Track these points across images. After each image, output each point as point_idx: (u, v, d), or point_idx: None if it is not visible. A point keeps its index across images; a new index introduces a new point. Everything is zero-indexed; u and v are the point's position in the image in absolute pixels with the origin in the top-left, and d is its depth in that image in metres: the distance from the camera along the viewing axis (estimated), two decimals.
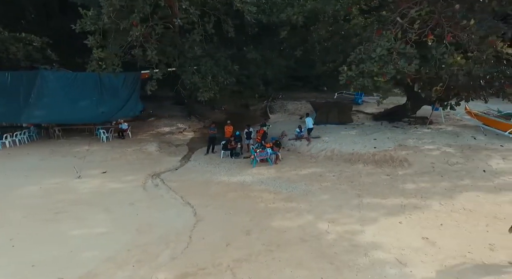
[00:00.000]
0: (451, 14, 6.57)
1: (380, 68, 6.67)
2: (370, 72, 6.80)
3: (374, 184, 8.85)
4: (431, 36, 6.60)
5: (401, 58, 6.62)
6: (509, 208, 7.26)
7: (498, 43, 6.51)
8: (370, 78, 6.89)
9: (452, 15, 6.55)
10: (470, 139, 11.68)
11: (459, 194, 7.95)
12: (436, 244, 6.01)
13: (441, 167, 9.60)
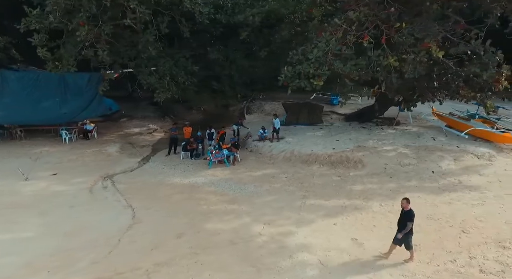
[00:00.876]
0: (385, 17, 6.64)
1: (316, 69, 6.70)
2: (307, 74, 6.82)
3: (323, 185, 8.89)
4: (367, 38, 6.66)
5: (336, 59, 6.67)
6: (445, 208, 7.37)
7: (432, 46, 6.60)
8: (306, 80, 6.91)
9: (386, 17, 6.63)
10: (429, 140, 11.84)
11: (401, 195, 7.86)
12: (363, 245, 6.05)
13: (393, 168, 9.70)
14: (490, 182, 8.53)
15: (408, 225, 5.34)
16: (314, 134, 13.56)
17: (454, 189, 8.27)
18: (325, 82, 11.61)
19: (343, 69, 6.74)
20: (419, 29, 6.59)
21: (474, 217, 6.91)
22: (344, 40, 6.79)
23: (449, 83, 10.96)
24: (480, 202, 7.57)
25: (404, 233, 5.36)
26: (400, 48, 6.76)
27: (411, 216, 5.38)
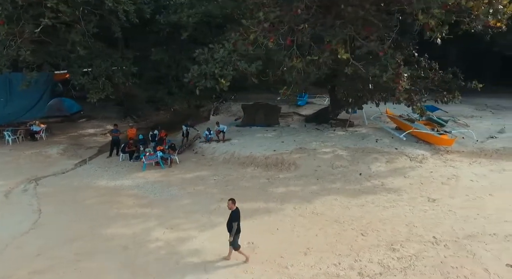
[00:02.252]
0: (293, 18, 6.66)
1: (221, 69, 6.66)
2: (212, 74, 6.78)
3: (247, 188, 8.86)
4: (272, 39, 6.66)
5: (241, 59, 6.65)
6: (356, 210, 7.41)
7: (338, 48, 6.65)
8: (213, 80, 6.86)
9: (295, 18, 6.64)
10: (372, 142, 11.94)
11: (320, 198, 8.06)
12: (258, 248, 6.03)
13: (324, 170, 9.75)
14: (412, 184, 8.64)
15: (234, 226, 5.34)
16: (264, 136, 13.56)
17: (373, 191, 8.34)
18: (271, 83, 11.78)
19: (248, 69, 6.72)
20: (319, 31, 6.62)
21: (380, 220, 6.97)
22: (254, 41, 6.78)
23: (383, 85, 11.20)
24: (392, 204, 7.64)
25: (233, 234, 5.35)
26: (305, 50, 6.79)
27: (234, 216, 5.41)
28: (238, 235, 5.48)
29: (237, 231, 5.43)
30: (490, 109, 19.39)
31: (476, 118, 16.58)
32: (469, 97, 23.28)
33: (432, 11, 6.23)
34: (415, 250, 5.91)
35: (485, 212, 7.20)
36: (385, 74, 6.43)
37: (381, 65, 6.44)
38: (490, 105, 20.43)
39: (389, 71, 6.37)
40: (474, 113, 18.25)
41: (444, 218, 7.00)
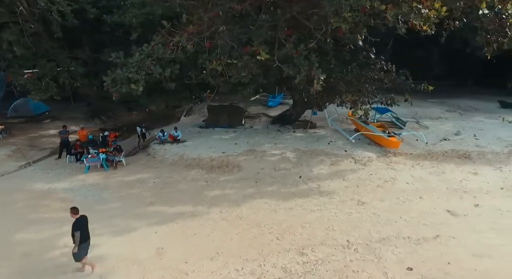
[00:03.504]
0: (207, 20, 6.64)
1: (135, 74, 6.59)
2: (126, 79, 6.69)
3: (182, 191, 8.80)
4: (193, 42, 6.62)
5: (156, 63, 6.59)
6: (282, 214, 7.40)
7: (260, 51, 6.65)
8: (127, 85, 6.77)
9: (212, 20, 6.62)
10: (324, 144, 11.99)
11: (251, 201, 8.05)
12: (165, 254, 5.98)
13: (266, 172, 9.74)
14: (347, 187, 8.68)
15: (76, 236, 5.13)
16: (220, 138, 13.53)
17: (307, 194, 8.36)
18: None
19: (163, 73, 6.67)
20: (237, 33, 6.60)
21: (301, 223, 6.98)
22: (176, 43, 6.74)
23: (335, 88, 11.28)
24: (320, 207, 7.65)
25: (77, 244, 5.16)
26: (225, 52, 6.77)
27: (76, 226, 5.18)
28: (84, 245, 5.27)
29: (83, 240, 5.21)
30: (461, 110, 19.63)
31: (442, 119, 16.75)
32: (445, 98, 23.77)
33: (344, 14, 6.26)
34: (324, 254, 5.93)
35: (408, 215, 7.26)
36: (299, 76, 6.44)
37: (294, 66, 6.45)
38: (462, 106, 20.71)
39: (302, 73, 6.38)
40: (443, 114, 18.44)
41: (365, 221, 7.04)
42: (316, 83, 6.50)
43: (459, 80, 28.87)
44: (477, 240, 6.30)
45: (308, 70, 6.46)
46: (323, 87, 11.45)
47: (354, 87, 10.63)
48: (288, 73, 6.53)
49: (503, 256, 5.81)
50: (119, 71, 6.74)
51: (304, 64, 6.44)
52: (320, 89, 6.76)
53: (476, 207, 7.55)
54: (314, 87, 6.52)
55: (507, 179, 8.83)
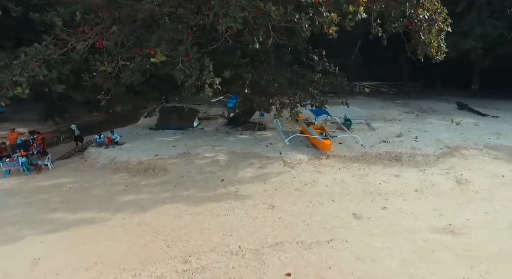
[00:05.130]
0: (98, 20, 6.55)
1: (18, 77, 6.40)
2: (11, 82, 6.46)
3: (95, 196, 8.62)
4: (81, 42, 6.51)
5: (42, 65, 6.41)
6: (186, 220, 7.30)
7: (156, 53, 6.59)
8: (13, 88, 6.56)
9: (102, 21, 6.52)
10: (262, 146, 12.01)
11: (160, 206, 7.95)
12: (39, 265, 5.79)
13: (190, 176, 9.67)
14: (265, 191, 8.68)
15: None
16: (163, 140, 13.38)
17: (221, 198, 8.32)
18: None
19: (48, 75, 6.51)
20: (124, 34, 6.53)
21: (202, 229, 6.91)
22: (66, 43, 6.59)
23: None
24: (229, 212, 7.61)
25: None
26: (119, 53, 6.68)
27: None
28: None
29: None
30: (419, 112, 20.04)
31: (395, 121, 17.05)
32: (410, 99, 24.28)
33: (235, 15, 6.25)
34: (208, 261, 5.88)
35: (312, 218, 7.30)
36: (189, 80, 6.40)
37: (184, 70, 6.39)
38: (423, 108, 21.16)
39: (193, 76, 6.34)
40: (399, 116, 18.80)
41: (267, 226, 7.04)
42: (207, 88, 6.46)
43: (428, 82, 29.64)
44: (367, 243, 6.38)
45: (199, 74, 6.41)
46: (253, 90, 11.63)
47: (284, 90, 10.68)
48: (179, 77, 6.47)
49: (384, 258, 5.90)
50: (3, 75, 6.50)
51: (195, 68, 6.40)
52: (211, 94, 6.73)
53: (383, 209, 7.66)
54: (206, 92, 6.49)
55: (425, 181, 9.01)
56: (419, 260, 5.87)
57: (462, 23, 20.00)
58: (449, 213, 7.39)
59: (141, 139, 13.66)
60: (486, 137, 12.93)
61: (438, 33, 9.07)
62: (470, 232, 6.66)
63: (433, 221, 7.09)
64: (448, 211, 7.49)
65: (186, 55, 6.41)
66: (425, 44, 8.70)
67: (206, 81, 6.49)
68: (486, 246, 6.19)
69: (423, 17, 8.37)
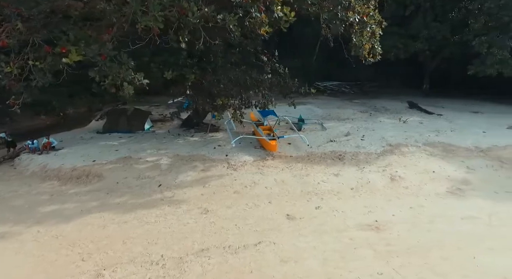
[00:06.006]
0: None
1: None
2: None
3: (15, 207, 7.93)
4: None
5: None
6: (111, 229, 6.92)
7: (71, 52, 6.21)
8: None
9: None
10: (210, 148, 11.84)
11: (85, 216, 7.49)
12: None
13: (126, 182, 9.25)
14: (203, 195, 8.52)
15: None
16: (106, 144, 12.73)
17: (155, 204, 8.02)
18: None
19: None
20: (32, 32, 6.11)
21: (125, 239, 6.58)
22: None
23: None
24: (159, 219, 7.35)
25: None
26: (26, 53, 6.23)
27: None
28: None
29: None
30: (373, 111, 20.83)
31: (348, 120, 17.56)
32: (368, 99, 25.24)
33: (155, 13, 6.03)
34: (123, 274, 5.59)
35: (245, 221, 7.26)
36: (107, 80, 6.10)
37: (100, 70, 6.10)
38: (378, 107, 22.03)
39: (110, 76, 6.06)
40: (353, 115, 19.39)
41: (197, 232, 6.87)
42: (127, 86, 6.18)
43: (385, 82, 31.10)
44: (295, 244, 6.44)
45: (117, 73, 6.12)
46: (197, 91, 11.43)
47: (228, 91, 10.58)
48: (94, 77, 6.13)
49: (307, 259, 5.98)
50: None
51: (113, 67, 6.09)
52: (131, 92, 6.46)
53: (316, 209, 7.80)
54: (126, 90, 6.20)
55: (362, 179, 9.34)
56: (341, 258, 6.02)
57: (411, 26, 21.23)
58: (377, 210, 7.69)
59: (82, 144, 12.91)
60: (426, 135, 13.72)
61: (371, 36, 9.43)
62: (393, 228, 6.96)
63: (362, 218, 7.33)
64: (377, 207, 7.79)
65: (101, 54, 6.07)
66: (357, 46, 8.99)
67: (126, 79, 6.19)
68: (404, 241, 6.49)
69: (354, 20, 8.66)
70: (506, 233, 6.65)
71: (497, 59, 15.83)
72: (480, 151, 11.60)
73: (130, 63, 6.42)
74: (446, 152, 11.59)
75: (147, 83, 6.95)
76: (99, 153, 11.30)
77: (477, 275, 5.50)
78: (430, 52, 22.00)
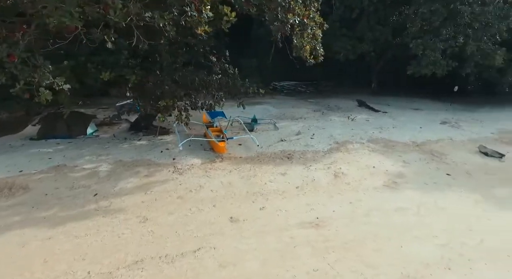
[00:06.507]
0: None
1: None
2: None
3: None
4: None
5: None
6: (33, 247, 6.23)
7: None
8: None
9: None
10: (157, 152, 11.37)
11: (2, 234, 6.69)
12: None
13: (57, 193, 8.47)
14: (144, 202, 8.08)
15: None
16: (39, 151, 11.58)
17: (88, 216, 7.42)
18: None
19: None
20: None
21: (46, 257, 5.94)
22: None
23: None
24: (90, 232, 6.78)
25: None
26: None
27: None
28: None
29: None
30: (326, 110, 21.63)
31: (301, 119, 17.99)
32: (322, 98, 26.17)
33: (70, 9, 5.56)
34: None
35: (186, 228, 7.02)
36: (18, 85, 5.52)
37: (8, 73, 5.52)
38: (331, 106, 22.91)
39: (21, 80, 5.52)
40: (306, 114, 19.92)
41: (132, 243, 6.48)
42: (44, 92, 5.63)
43: (340, 82, 32.61)
44: (236, 247, 6.37)
45: (31, 77, 5.55)
46: (140, 92, 10.92)
47: (171, 93, 10.22)
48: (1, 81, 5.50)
49: (247, 261, 5.94)
50: None
51: (24, 70, 5.51)
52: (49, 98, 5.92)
53: (261, 210, 7.82)
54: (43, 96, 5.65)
55: (307, 177, 9.59)
56: (280, 258, 6.07)
57: (357, 29, 22.46)
58: (319, 207, 7.93)
59: (10, 152, 11.60)
60: (371, 131, 14.58)
61: (312, 38, 9.71)
62: (333, 223, 7.21)
63: (304, 217, 7.50)
64: (319, 205, 8.04)
65: (9, 55, 5.44)
66: (297, 48, 9.21)
67: (41, 84, 5.62)
68: (342, 236, 6.75)
69: (294, 22, 8.84)
70: (430, 221, 7.24)
71: (431, 60, 17.34)
72: (416, 145, 12.60)
73: (47, 66, 5.83)
74: (386, 147, 12.40)
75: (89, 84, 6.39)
76: (28, 162, 10.24)
77: (403, 263, 5.89)
78: (375, 54, 23.50)
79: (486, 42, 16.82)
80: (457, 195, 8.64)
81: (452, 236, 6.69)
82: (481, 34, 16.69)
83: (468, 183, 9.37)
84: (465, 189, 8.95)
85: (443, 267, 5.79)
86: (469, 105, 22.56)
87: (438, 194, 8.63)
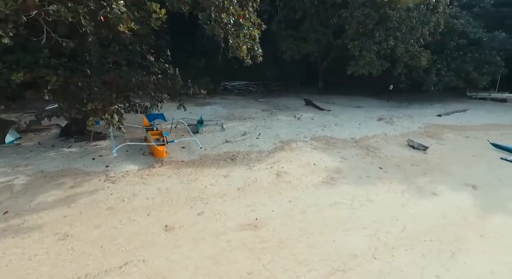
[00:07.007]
0: None
1: None
2: None
3: None
4: None
5: None
6: None
7: None
8: None
9: None
10: (88, 160, 10.37)
11: None
12: None
13: None
14: (66, 216, 7.29)
15: None
16: None
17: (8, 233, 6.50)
18: None
19: None
20: None
21: None
22: None
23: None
24: None
25: None
26: None
27: None
28: None
29: None
30: (275, 109, 21.95)
31: (249, 119, 17.96)
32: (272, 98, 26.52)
33: None
34: None
35: (114, 242, 6.44)
36: None
37: None
38: (280, 105, 23.30)
39: None
40: (255, 114, 19.97)
41: (46, 265, 5.75)
42: None
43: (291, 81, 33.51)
44: (167, 257, 6.02)
45: None
46: (63, 95, 9.93)
47: (100, 95, 9.42)
48: None
49: (178, 271, 5.65)
50: None
51: None
52: None
53: (199, 215, 7.56)
54: None
55: (249, 178, 9.55)
56: (213, 264, 5.89)
57: (302, 29, 23.25)
58: (259, 208, 7.91)
59: None
60: (314, 130, 15.14)
61: (249, 38, 9.69)
62: (270, 223, 7.23)
63: (242, 219, 7.41)
64: (259, 205, 8.02)
65: None
66: (233, 48, 9.12)
67: None
68: (278, 235, 6.79)
69: (228, 22, 8.72)
70: (361, 214, 7.65)
71: (367, 61, 18.62)
72: (354, 142, 13.37)
73: None
74: (328, 144, 12.95)
75: None
76: None
77: (333, 257, 6.10)
78: (319, 54, 24.57)
79: (413, 45, 18.57)
80: (387, 186, 9.30)
81: (379, 226, 7.15)
82: (408, 37, 18.39)
83: (397, 175, 10.17)
84: (394, 181, 9.69)
85: (369, 257, 6.12)
86: (402, 102, 24.79)
87: (371, 187, 9.20)
